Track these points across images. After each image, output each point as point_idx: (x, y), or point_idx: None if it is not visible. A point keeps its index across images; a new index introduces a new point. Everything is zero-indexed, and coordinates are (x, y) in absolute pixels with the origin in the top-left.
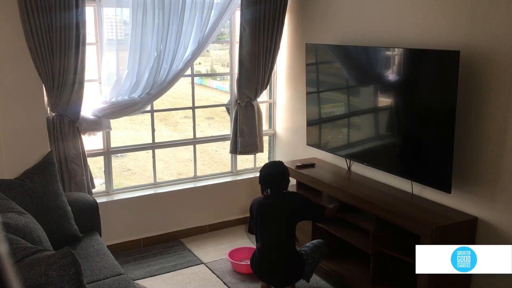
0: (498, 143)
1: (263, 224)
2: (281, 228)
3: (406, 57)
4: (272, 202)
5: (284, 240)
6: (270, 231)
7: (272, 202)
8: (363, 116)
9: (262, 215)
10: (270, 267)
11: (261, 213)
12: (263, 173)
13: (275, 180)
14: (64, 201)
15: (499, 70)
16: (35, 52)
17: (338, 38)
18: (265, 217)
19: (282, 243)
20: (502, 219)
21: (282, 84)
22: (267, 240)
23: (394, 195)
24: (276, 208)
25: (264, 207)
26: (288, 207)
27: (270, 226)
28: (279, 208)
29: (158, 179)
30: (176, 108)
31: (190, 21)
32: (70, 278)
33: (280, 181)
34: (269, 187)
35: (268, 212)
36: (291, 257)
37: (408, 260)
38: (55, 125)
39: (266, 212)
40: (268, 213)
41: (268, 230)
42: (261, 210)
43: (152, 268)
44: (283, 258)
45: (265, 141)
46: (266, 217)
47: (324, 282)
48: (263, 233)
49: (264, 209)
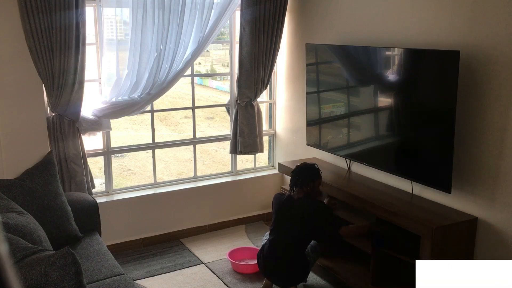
0: (498, 143)
1: (278, 222)
2: (294, 229)
3: (406, 57)
4: (292, 202)
5: (294, 241)
6: (283, 229)
7: (292, 203)
8: (363, 116)
9: (279, 212)
10: (275, 264)
11: (278, 211)
12: (293, 172)
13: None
14: (64, 201)
15: (499, 70)
16: (35, 52)
17: (338, 38)
18: (281, 215)
19: (291, 244)
20: (502, 219)
21: (282, 84)
22: (278, 237)
23: (394, 195)
24: (294, 209)
25: (283, 205)
26: (305, 210)
27: (284, 225)
28: (297, 209)
29: (158, 179)
30: (176, 108)
31: (190, 21)
32: (70, 278)
33: (305, 179)
34: (295, 186)
35: (285, 210)
36: (297, 259)
37: (408, 260)
38: (55, 125)
39: (283, 210)
40: (285, 212)
41: (281, 228)
42: (279, 207)
43: (152, 268)
44: (289, 258)
45: (265, 141)
46: (282, 215)
47: (324, 282)
48: (276, 230)
49: (282, 207)
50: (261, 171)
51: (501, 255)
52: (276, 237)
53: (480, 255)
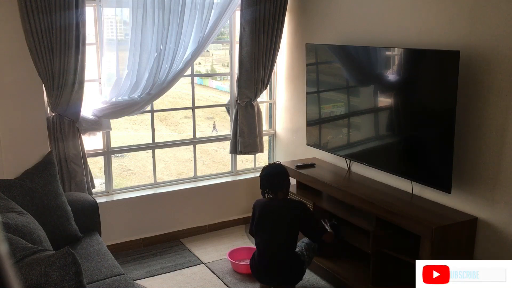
0: (498, 143)
1: (264, 225)
2: (282, 230)
3: (406, 57)
4: (275, 204)
5: (283, 242)
6: (271, 232)
7: (275, 204)
8: (363, 116)
9: (264, 216)
10: (269, 268)
11: (263, 214)
12: (263, 174)
13: (276, 181)
14: (64, 201)
15: (499, 70)
16: (35, 52)
17: (338, 38)
18: (267, 218)
19: (282, 245)
20: (502, 219)
21: (282, 84)
22: (268, 241)
23: (394, 195)
24: (279, 210)
25: (267, 208)
26: (290, 211)
27: (271, 228)
28: (282, 210)
29: (158, 179)
30: (176, 108)
31: (190, 21)
32: (70, 278)
33: (281, 181)
34: (270, 188)
35: (270, 213)
36: (289, 259)
37: (408, 260)
38: (55, 125)
39: (269, 213)
40: (271, 214)
41: (269, 232)
42: (264, 211)
43: (152, 268)
44: (282, 259)
45: (265, 141)
46: (268, 218)
47: (324, 282)
48: (264, 234)
49: (267, 210)
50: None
51: (501, 255)
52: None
53: (480, 255)
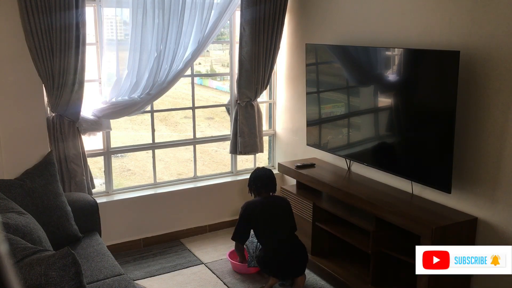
0: (498, 143)
1: (271, 223)
2: (286, 222)
3: (406, 57)
4: (271, 200)
5: (290, 231)
6: (279, 226)
7: (271, 201)
8: (363, 116)
9: (268, 213)
10: (287, 259)
11: (266, 212)
12: (260, 174)
13: (271, 181)
14: (64, 201)
15: (499, 70)
16: (35, 52)
17: (338, 38)
18: (272, 216)
19: (290, 235)
20: (502, 219)
21: (282, 84)
22: (277, 235)
23: (394, 195)
24: (279, 205)
25: (269, 206)
26: (283, 201)
27: (278, 222)
28: (280, 204)
29: (158, 179)
30: (176, 108)
31: (190, 21)
32: (70, 278)
33: (274, 181)
34: (266, 187)
35: (273, 209)
36: (299, 243)
37: (408, 260)
38: (55, 125)
39: (272, 209)
40: (274, 210)
41: (277, 226)
42: (266, 209)
43: (152, 268)
44: (295, 246)
45: (265, 141)
46: (273, 214)
47: (324, 282)
48: (272, 230)
49: (269, 207)
50: None
51: None
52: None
53: None
